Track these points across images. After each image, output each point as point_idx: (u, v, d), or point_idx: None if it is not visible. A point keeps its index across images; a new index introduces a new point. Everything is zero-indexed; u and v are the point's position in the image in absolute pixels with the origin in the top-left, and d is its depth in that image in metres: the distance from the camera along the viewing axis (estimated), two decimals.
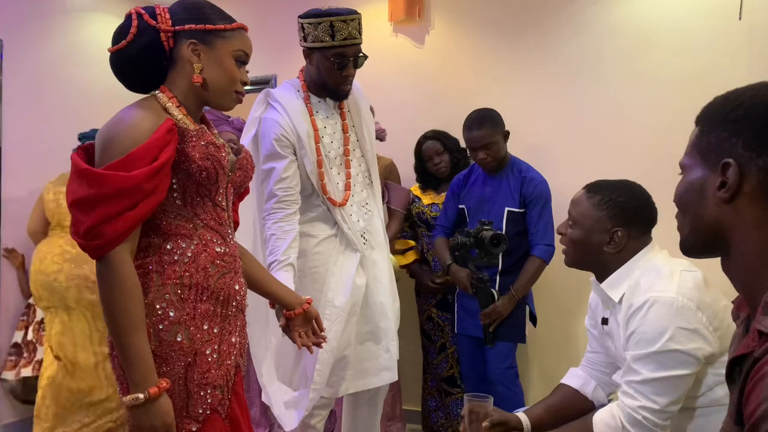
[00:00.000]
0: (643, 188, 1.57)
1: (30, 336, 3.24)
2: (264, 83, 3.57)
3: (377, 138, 2.99)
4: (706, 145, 0.88)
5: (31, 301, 3.31)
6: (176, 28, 1.34)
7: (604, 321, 1.58)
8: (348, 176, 2.19)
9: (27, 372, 3.15)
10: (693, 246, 0.93)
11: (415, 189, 3.11)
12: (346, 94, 2.17)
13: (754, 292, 0.83)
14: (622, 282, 1.49)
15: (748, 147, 0.83)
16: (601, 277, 1.54)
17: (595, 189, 1.55)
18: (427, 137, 3.04)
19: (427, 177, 3.07)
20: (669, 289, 1.38)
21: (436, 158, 2.99)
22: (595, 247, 1.51)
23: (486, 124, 2.57)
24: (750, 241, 0.84)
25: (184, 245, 1.31)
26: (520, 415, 1.61)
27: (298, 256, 2.06)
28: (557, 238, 1.66)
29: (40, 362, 3.13)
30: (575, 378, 1.71)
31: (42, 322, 3.24)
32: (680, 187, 0.94)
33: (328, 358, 2.06)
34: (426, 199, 3.04)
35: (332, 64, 2.06)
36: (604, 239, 1.50)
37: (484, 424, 1.50)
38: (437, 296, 2.98)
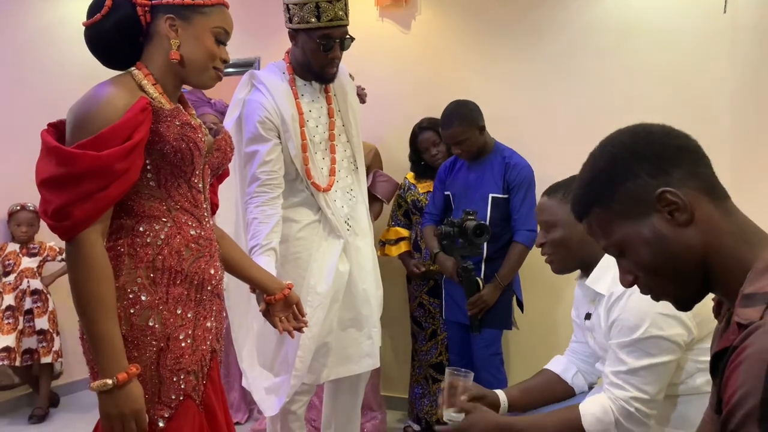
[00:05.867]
0: None
1: None
2: (247, 66, 3.51)
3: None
4: (621, 205, 0.89)
5: None
6: (153, 2, 1.29)
7: (587, 316, 1.60)
8: (333, 161, 2.16)
9: None
10: (690, 291, 0.89)
11: (411, 176, 3.07)
12: (332, 77, 2.13)
13: (733, 285, 0.83)
14: (604, 275, 1.49)
15: (654, 173, 0.86)
16: (586, 272, 1.55)
17: (552, 189, 1.58)
18: (422, 127, 2.97)
19: (422, 167, 3.02)
20: None
21: (433, 149, 2.94)
22: (578, 239, 1.51)
23: (456, 122, 2.53)
24: (723, 243, 0.85)
25: (157, 227, 1.28)
26: (499, 392, 1.64)
27: (280, 241, 2.03)
28: (539, 251, 1.65)
29: None
30: (557, 364, 1.74)
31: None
32: (642, 255, 0.88)
33: (309, 345, 2.04)
34: (421, 187, 3.00)
35: (318, 46, 2.02)
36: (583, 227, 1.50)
37: (463, 397, 1.52)
38: (429, 282, 2.96)
